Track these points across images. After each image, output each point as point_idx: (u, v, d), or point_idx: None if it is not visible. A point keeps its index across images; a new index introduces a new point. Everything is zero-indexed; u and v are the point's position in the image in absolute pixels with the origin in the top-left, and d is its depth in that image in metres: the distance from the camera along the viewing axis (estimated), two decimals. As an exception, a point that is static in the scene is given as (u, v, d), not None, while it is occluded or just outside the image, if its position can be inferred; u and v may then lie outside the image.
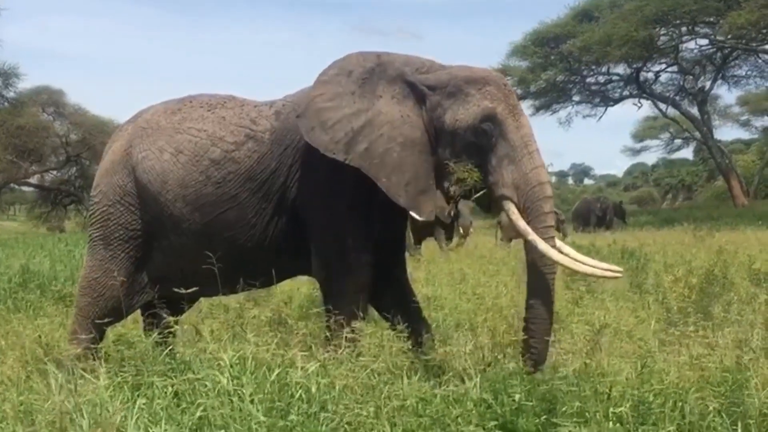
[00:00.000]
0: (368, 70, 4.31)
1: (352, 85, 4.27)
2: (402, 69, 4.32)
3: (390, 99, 4.26)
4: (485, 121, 4.11)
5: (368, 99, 4.25)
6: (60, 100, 37.15)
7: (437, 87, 4.25)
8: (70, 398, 3.26)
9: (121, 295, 4.57)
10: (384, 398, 3.18)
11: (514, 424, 3.17)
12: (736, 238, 13.38)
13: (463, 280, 7.89)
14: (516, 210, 4.05)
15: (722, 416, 3.19)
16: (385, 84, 4.29)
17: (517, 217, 4.03)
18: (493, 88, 4.19)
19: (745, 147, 45.68)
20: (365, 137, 4.17)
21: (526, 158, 4.06)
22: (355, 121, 4.20)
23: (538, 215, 4.03)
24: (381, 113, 4.22)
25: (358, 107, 4.23)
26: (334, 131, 4.17)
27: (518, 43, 33.40)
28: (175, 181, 4.44)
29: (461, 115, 4.15)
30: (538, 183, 4.05)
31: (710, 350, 3.90)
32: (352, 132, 4.17)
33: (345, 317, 4.11)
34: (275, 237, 4.41)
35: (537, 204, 4.04)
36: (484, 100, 4.14)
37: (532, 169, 4.06)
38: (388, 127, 4.19)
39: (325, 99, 4.24)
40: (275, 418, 3.05)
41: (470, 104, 4.14)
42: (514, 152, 4.07)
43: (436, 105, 4.23)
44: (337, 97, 4.24)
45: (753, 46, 31.01)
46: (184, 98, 4.79)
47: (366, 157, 4.14)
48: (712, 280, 6.32)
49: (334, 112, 4.20)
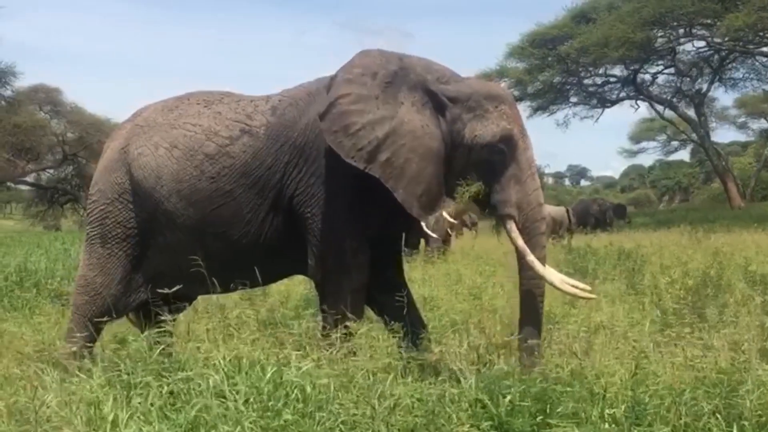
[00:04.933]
0: (391, 73, 4.30)
1: (376, 88, 4.25)
2: (424, 76, 4.33)
3: (411, 107, 4.26)
4: (502, 142, 4.21)
5: (391, 105, 4.24)
6: (57, 99, 37.14)
7: (458, 100, 4.28)
8: (65, 396, 3.25)
9: (118, 294, 4.58)
10: (379, 398, 3.18)
11: (509, 425, 3.18)
12: (732, 240, 13.39)
13: (459, 281, 7.90)
14: (516, 229, 4.22)
15: (717, 417, 3.19)
16: (406, 90, 4.28)
17: (517, 236, 4.20)
18: (508, 107, 4.30)
19: (742, 149, 45.81)
20: (388, 147, 4.16)
21: (530, 180, 4.26)
22: (380, 130, 4.18)
23: (536, 236, 4.25)
24: (404, 122, 4.21)
25: (382, 114, 4.21)
26: (358, 138, 4.15)
27: (515, 45, 33.38)
28: (169, 175, 4.42)
29: (480, 132, 4.22)
30: (538, 204, 4.28)
31: (705, 352, 3.90)
32: (377, 140, 4.16)
33: (341, 317, 4.10)
34: (270, 234, 4.40)
35: (535, 225, 4.26)
36: (502, 120, 4.23)
37: (534, 191, 4.27)
38: (410, 137, 4.20)
39: (349, 101, 4.20)
40: (269, 417, 3.05)
41: (489, 122, 4.22)
42: (521, 173, 4.24)
43: (456, 118, 4.26)
44: (362, 99, 4.22)
45: (750, 49, 31.02)
46: (182, 96, 4.79)
47: (387, 166, 4.15)
48: (708, 282, 6.34)
49: (358, 117, 4.18)
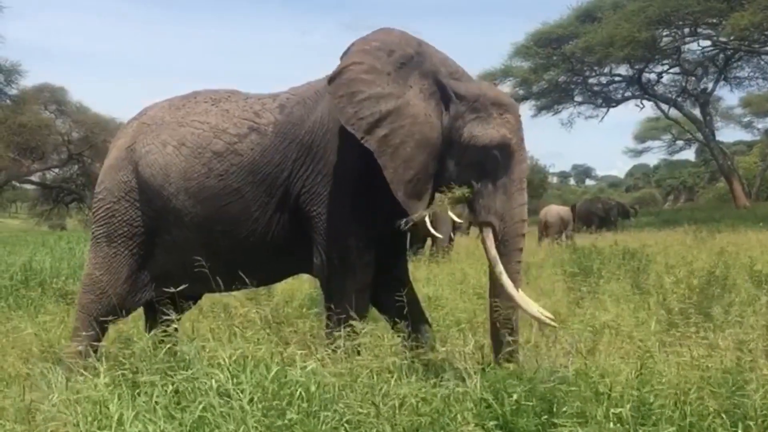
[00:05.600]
0: (408, 55, 4.29)
1: (389, 65, 4.25)
2: (438, 67, 4.33)
3: (418, 92, 4.26)
4: (498, 148, 4.18)
5: (400, 86, 4.24)
6: (62, 98, 37.21)
7: (465, 98, 4.27)
8: (70, 396, 3.26)
9: (124, 293, 4.58)
10: (384, 397, 3.18)
11: (514, 424, 3.18)
12: (737, 240, 13.36)
13: (464, 280, 7.89)
14: (492, 238, 4.22)
15: (722, 417, 3.18)
16: (417, 75, 4.29)
17: (491, 245, 4.20)
18: (512, 117, 4.27)
19: (747, 148, 45.63)
20: (388, 124, 4.16)
21: (518, 193, 4.24)
22: (384, 104, 4.18)
23: (513, 250, 4.24)
24: (409, 105, 4.21)
25: (390, 91, 4.21)
26: (361, 107, 4.16)
27: (521, 44, 33.35)
28: (177, 173, 4.43)
29: (478, 134, 4.20)
30: (521, 220, 4.25)
31: (711, 351, 3.89)
32: (379, 114, 4.16)
33: (345, 316, 4.11)
34: (277, 232, 4.40)
35: (515, 240, 4.24)
36: (503, 127, 4.21)
37: (520, 206, 4.23)
38: (411, 121, 4.19)
39: (361, 70, 4.20)
40: (274, 416, 3.05)
41: (490, 126, 4.20)
42: (510, 185, 4.22)
43: (459, 115, 4.25)
44: (374, 71, 4.21)
45: (756, 48, 30.93)
46: (189, 94, 4.80)
47: (382, 143, 4.15)
48: (713, 281, 6.31)
49: (367, 86, 4.18)
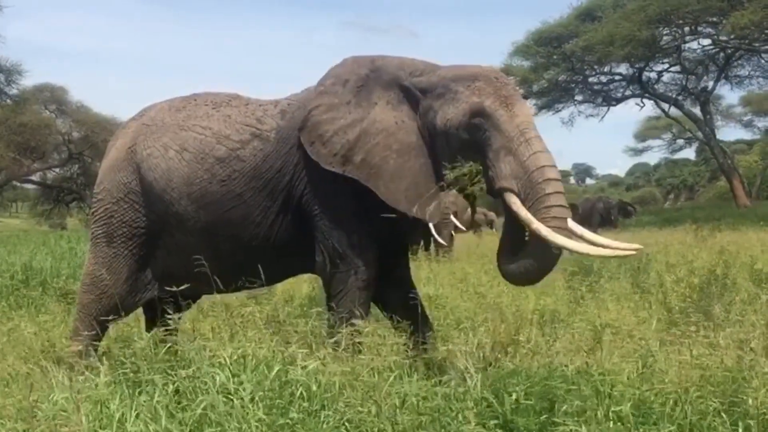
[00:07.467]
0: (363, 77, 4.32)
1: (348, 94, 4.29)
2: (397, 73, 4.32)
3: (385, 105, 4.27)
4: (475, 117, 4.05)
5: (363, 108, 4.26)
6: (62, 98, 37.16)
7: (428, 90, 4.24)
8: (71, 395, 3.26)
9: (124, 293, 4.59)
10: (385, 396, 3.18)
11: (515, 423, 3.17)
12: (738, 239, 13.33)
13: (465, 280, 7.89)
14: (518, 200, 3.90)
15: (723, 416, 3.18)
16: (380, 90, 4.30)
17: (519, 207, 3.87)
18: (483, 83, 4.12)
19: (748, 147, 45.58)
20: (360, 148, 4.18)
21: (523, 146, 3.93)
22: (351, 132, 4.20)
23: (539, 197, 3.85)
24: (376, 121, 4.22)
25: (353, 117, 4.24)
26: (331, 144, 4.19)
27: (521, 43, 33.30)
28: (180, 179, 4.44)
29: (451, 115, 4.12)
30: (536, 168, 3.88)
31: (711, 350, 3.88)
32: (348, 144, 4.18)
33: (348, 315, 4.11)
34: (280, 235, 4.41)
35: (537, 188, 3.87)
36: (472, 96, 4.08)
37: (530, 156, 3.91)
38: (384, 135, 4.20)
39: (321, 111, 4.26)
40: (275, 415, 3.05)
41: (459, 102, 4.11)
42: (510, 143, 3.96)
43: (427, 108, 4.23)
44: (333, 108, 4.26)
45: (756, 47, 30.87)
46: (189, 96, 4.80)
47: (363, 167, 4.15)
48: (714, 280, 6.30)
49: (330, 125, 4.22)
